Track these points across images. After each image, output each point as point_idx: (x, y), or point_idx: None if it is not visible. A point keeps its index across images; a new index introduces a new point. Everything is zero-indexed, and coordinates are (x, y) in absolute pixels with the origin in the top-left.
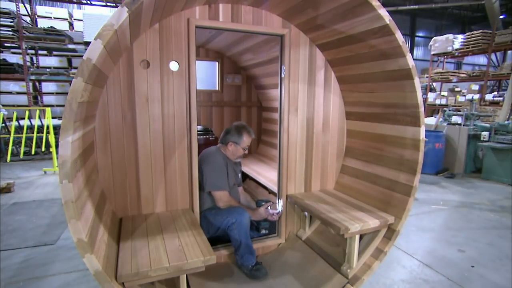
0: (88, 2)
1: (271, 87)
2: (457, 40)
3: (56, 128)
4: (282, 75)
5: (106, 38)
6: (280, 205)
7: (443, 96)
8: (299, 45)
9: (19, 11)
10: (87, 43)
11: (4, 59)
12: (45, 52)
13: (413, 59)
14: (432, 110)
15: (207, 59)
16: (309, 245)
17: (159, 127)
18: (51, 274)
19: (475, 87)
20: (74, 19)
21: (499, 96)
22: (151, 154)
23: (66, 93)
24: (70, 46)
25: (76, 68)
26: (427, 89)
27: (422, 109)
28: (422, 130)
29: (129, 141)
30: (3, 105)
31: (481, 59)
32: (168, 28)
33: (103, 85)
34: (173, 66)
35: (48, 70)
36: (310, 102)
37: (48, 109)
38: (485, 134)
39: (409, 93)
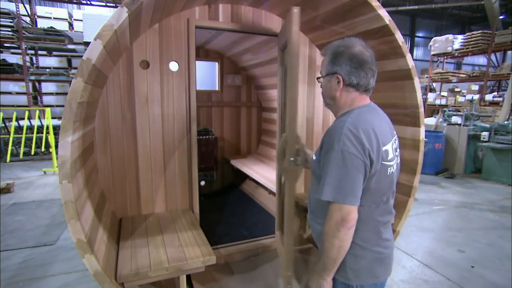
0: (88, 2)
1: (271, 87)
2: (457, 41)
3: (56, 129)
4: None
5: (106, 38)
6: None
7: (443, 96)
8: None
9: (19, 11)
10: (87, 43)
11: (4, 59)
12: (44, 52)
13: (413, 59)
14: (432, 110)
15: (207, 59)
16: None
17: (158, 128)
18: (51, 275)
19: (475, 87)
20: (74, 20)
21: (499, 97)
22: (151, 155)
23: (66, 94)
24: (70, 47)
25: (76, 68)
26: (427, 89)
27: (422, 110)
28: (422, 131)
29: (129, 142)
30: (3, 106)
31: (481, 60)
32: (168, 28)
33: (103, 85)
34: (173, 66)
35: (47, 70)
36: (310, 102)
37: (47, 110)
38: (485, 134)
39: (409, 93)
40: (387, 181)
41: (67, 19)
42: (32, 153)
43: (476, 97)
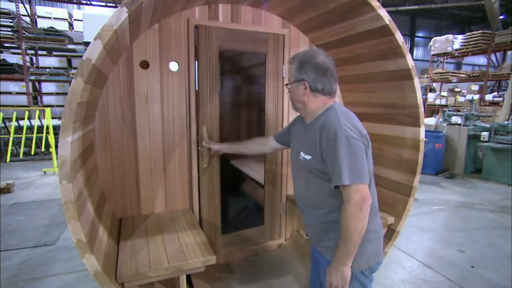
0: (88, 2)
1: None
2: (457, 41)
3: (56, 129)
4: (283, 75)
5: (106, 38)
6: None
7: (443, 96)
8: (299, 45)
9: (19, 11)
10: (86, 43)
11: (4, 59)
12: (44, 52)
13: (413, 59)
14: (432, 110)
15: None
16: (309, 246)
17: (158, 128)
18: (51, 275)
19: (475, 87)
20: (74, 20)
21: (499, 97)
22: (151, 155)
23: (66, 94)
24: (70, 47)
25: (75, 68)
26: (427, 89)
27: (422, 110)
28: (422, 131)
29: (129, 142)
30: (3, 106)
31: (481, 60)
32: (168, 28)
33: (103, 85)
34: (173, 66)
35: (47, 70)
36: None
37: (47, 110)
38: (485, 134)
39: (408, 93)
40: (371, 161)
41: (67, 19)
42: (32, 153)
43: (476, 97)
